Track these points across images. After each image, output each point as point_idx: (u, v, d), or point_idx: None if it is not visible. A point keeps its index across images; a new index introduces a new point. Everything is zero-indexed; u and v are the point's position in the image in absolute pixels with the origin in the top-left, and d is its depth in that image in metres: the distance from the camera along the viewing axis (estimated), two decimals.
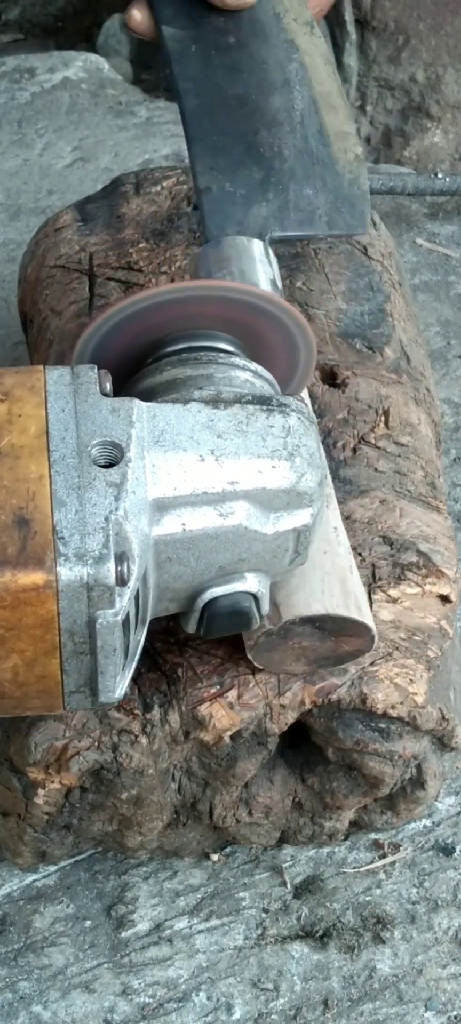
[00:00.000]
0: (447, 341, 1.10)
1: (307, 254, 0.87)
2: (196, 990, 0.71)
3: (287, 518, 0.62)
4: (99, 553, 0.57)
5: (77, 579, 0.56)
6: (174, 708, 0.68)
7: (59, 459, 0.58)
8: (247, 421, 0.61)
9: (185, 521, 0.60)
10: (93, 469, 0.58)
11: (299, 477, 0.61)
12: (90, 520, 0.57)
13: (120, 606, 0.57)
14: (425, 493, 0.78)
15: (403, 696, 0.70)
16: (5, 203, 1.22)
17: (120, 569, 0.57)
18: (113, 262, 0.87)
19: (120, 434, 0.59)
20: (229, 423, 0.61)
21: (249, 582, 0.63)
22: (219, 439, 0.61)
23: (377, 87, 1.50)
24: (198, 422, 0.61)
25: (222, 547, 0.61)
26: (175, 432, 0.60)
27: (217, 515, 0.60)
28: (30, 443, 0.59)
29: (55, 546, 0.56)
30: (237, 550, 0.61)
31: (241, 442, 0.61)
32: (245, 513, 0.61)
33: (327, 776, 0.73)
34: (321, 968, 0.72)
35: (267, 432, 0.61)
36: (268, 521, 0.61)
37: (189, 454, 0.60)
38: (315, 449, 0.62)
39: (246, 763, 0.70)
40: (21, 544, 0.56)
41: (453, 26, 1.48)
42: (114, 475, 0.58)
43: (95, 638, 0.58)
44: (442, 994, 0.71)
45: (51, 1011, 0.70)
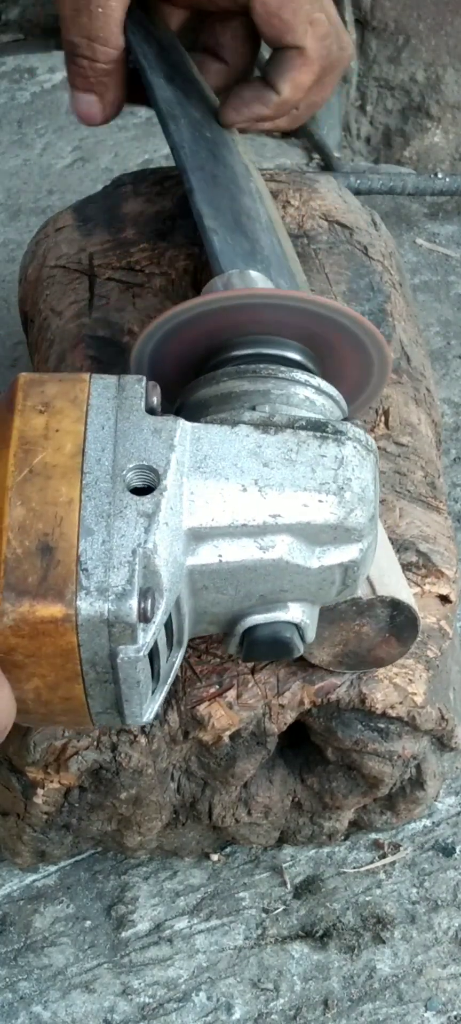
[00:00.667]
0: (447, 341, 1.10)
1: (307, 254, 0.87)
2: (196, 990, 0.71)
3: (334, 552, 0.59)
4: (122, 589, 0.54)
5: (97, 615, 0.54)
6: (173, 708, 0.68)
7: (92, 482, 0.56)
8: (297, 449, 0.58)
9: (222, 552, 0.58)
10: (126, 496, 0.56)
11: (348, 513, 0.58)
12: (117, 552, 0.55)
13: (143, 642, 0.55)
14: (425, 493, 0.78)
15: (402, 696, 0.70)
16: (5, 203, 1.22)
17: (143, 606, 0.55)
18: (113, 262, 0.87)
19: (159, 458, 0.57)
20: (278, 450, 0.58)
21: (292, 612, 0.60)
22: (265, 468, 0.58)
23: (377, 87, 1.50)
24: (245, 448, 0.58)
25: (262, 579, 0.59)
26: (219, 458, 0.58)
27: (257, 548, 0.58)
28: (64, 463, 0.56)
29: (77, 578, 0.54)
30: (278, 582, 0.59)
31: (288, 472, 0.58)
32: (287, 547, 0.58)
33: (326, 776, 0.73)
34: (321, 968, 0.72)
35: (317, 462, 0.58)
36: (313, 555, 0.59)
37: (231, 483, 0.57)
38: (369, 482, 0.59)
39: (245, 763, 0.70)
40: (43, 573, 0.54)
41: (453, 26, 1.48)
42: (147, 504, 0.56)
43: (117, 670, 0.56)
44: (442, 994, 0.71)
45: (51, 1011, 0.70)
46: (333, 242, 0.89)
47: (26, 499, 0.56)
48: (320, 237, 0.88)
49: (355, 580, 0.60)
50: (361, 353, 0.66)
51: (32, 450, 0.57)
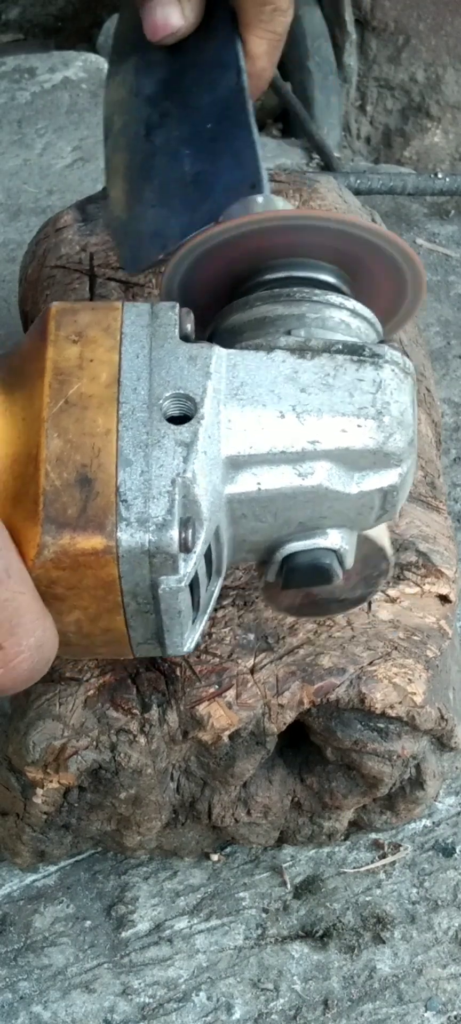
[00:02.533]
0: (447, 341, 1.10)
1: None
2: (196, 990, 0.71)
3: (373, 478, 0.58)
4: (163, 519, 0.54)
5: (138, 545, 0.54)
6: (172, 708, 0.68)
7: (128, 412, 0.55)
8: (335, 373, 0.57)
9: (261, 480, 0.57)
10: (163, 425, 0.55)
11: (387, 437, 0.57)
12: (156, 482, 0.54)
13: (184, 572, 0.55)
14: (425, 493, 0.78)
15: (402, 696, 0.70)
16: (5, 203, 1.22)
17: (184, 536, 0.54)
18: (114, 262, 0.87)
19: (195, 386, 0.56)
20: (315, 375, 0.57)
21: (331, 538, 0.59)
22: (302, 393, 0.57)
23: (377, 87, 1.50)
24: (281, 373, 0.57)
25: (301, 506, 0.58)
26: (255, 384, 0.57)
27: (295, 475, 0.57)
28: (99, 393, 0.56)
29: (117, 509, 0.54)
30: (318, 509, 0.58)
31: (326, 397, 0.57)
32: (326, 473, 0.57)
33: (326, 776, 0.73)
34: (321, 968, 0.72)
35: (355, 387, 0.57)
36: (352, 481, 0.58)
37: (268, 409, 0.56)
38: (408, 405, 0.58)
39: (245, 763, 0.70)
40: (82, 505, 0.54)
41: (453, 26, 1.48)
42: (185, 433, 0.55)
43: (159, 601, 0.55)
44: (442, 994, 0.71)
45: (51, 1011, 0.70)
46: None
47: (63, 431, 0.55)
48: None
49: (394, 505, 0.60)
50: (395, 271, 0.64)
51: (67, 381, 0.56)
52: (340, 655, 0.70)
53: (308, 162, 1.34)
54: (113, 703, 0.68)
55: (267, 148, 1.36)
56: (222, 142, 0.77)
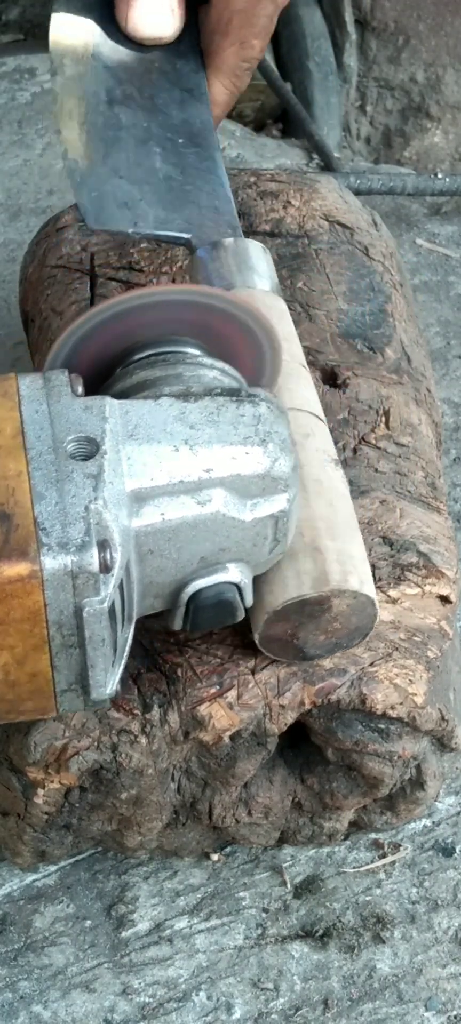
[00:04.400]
0: (447, 341, 1.10)
1: (308, 254, 0.88)
2: (196, 990, 0.71)
3: (264, 504, 0.62)
4: (81, 541, 0.57)
5: (61, 567, 0.57)
6: (173, 708, 0.69)
7: (36, 456, 0.59)
8: (218, 411, 0.62)
9: (164, 511, 0.61)
10: (70, 463, 0.59)
11: (273, 462, 0.62)
12: (70, 510, 0.58)
13: (105, 593, 0.58)
14: (425, 494, 0.78)
15: (403, 697, 0.70)
16: (5, 203, 1.22)
17: (103, 556, 0.58)
18: (114, 262, 0.87)
19: (94, 429, 0.60)
20: (200, 414, 0.62)
21: (232, 572, 0.63)
22: (192, 430, 0.61)
23: (377, 87, 1.50)
24: (170, 415, 0.62)
25: (202, 536, 0.62)
26: (148, 426, 0.61)
27: (195, 503, 0.61)
28: (6, 443, 0.59)
29: (38, 536, 0.57)
30: (217, 539, 0.62)
31: (214, 431, 0.62)
32: (222, 500, 0.61)
33: (327, 776, 0.73)
34: (321, 968, 0.72)
35: (238, 421, 0.62)
36: (245, 508, 0.62)
37: (163, 445, 0.61)
38: (287, 436, 0.63)
39: (245, 763, 0.70)
40: (4, 537, 0.57)
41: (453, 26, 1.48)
42: (91, 467, 0.59)
43: (83, 628, 0.58)
44: (442, 994, 0.71)
45: (51, 1011, 0.70)
46: (334, 242, 0.89)
47: None
48: (321, 237, 0.88)
49: (285, 534, 0.64)
50: (252, 341, 0.68)
51: None
52: (341, 656, 0.70)
53: (308, 162, 1.34)
54: (114, 703, 0.68)
55: (267, 148, 1.36)
56: (195, 166, 0.78)
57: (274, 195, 0.90)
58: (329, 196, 0.91)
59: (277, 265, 0.86)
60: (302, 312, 0.84)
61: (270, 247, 0.87)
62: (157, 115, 0.79)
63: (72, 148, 0.77)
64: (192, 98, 0.80)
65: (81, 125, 0.78)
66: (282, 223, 0.89)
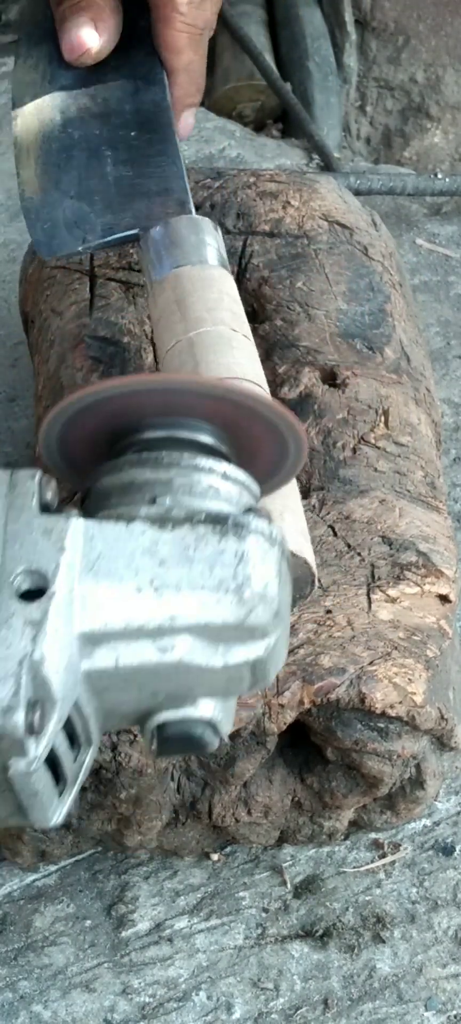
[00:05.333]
0: (447, 341, 1.10)
1: (307, 254, 0.88)
2: (196, 989, 0.71)
3: (239, 649, 0.56)
4: (8, 704, 0.52)
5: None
6: None
7: None
8: (195, 546, 0.56)
9: (119, 655, 0.55)
10: (13, 603, 0.54)
11: (248, 612, 0.55)
12: (2, 664, 0.53)
13: (34, 755, 0.53)
14: (425, 493, 0.78)
15: (402, 696, 0.70)
16: (5, 203, 1.22)
17: (31, 719, 0.53)
18: (114, 263, 0.87)
19: (47, 562, 0.55)
20: (174, 548, 0.56)
21: (201, 708, 0.57)
22: (160, 568, 0.55)
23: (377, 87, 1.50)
24: (140, 546, 0.56)
25: (165, 679, 0.56)
26: (112, 558, 0.55)
27: (156, 650, 0.55)
28: None
29: None
30: (184, 681, 0.56)
31: (185, 572, 0.55)
32: (188, 648, 0.55)
33: (326, 776, 0.73)
34: (321, 967, 0.72)
35: (216, 560, 0.56)
36: (216, 653, 0.56)
37: (125, 584, 0.55)
38: (272, 577, 0.56)
39: (245, 763, 0.70)
40: None
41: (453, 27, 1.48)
42: (34, 612, 0.54)
43: (11, 783, 0.54)
44: (442, 993, 0.71)
45: (51, 1010, 0.70)
46: (333, 242, 0.89)
47: None
48: (320, 237, 0.89)
49: (265, 676, 0.58)
50: (274, 432, 0.63)
51: None
52: (340, 655, 0.70)
53: (308, 162, 1.34)
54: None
55: (267, 148, 1.36)
56: (147, 153, 0.77)
57: (274, 195, 0.90)
58: (328, 196, 0.92)
59: (276, 265, 0.87)
60: (301, 312, 0.84)
61: (270, 247, 0.87)
62: (110, 117, 0.78)
63: (28, 186, 0.76)
64: (146, 83, 0.79)
65: (36, 159, 0.77)
66: (281, 223, 0.89)
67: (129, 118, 0.78)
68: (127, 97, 0.79)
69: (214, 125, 1.38)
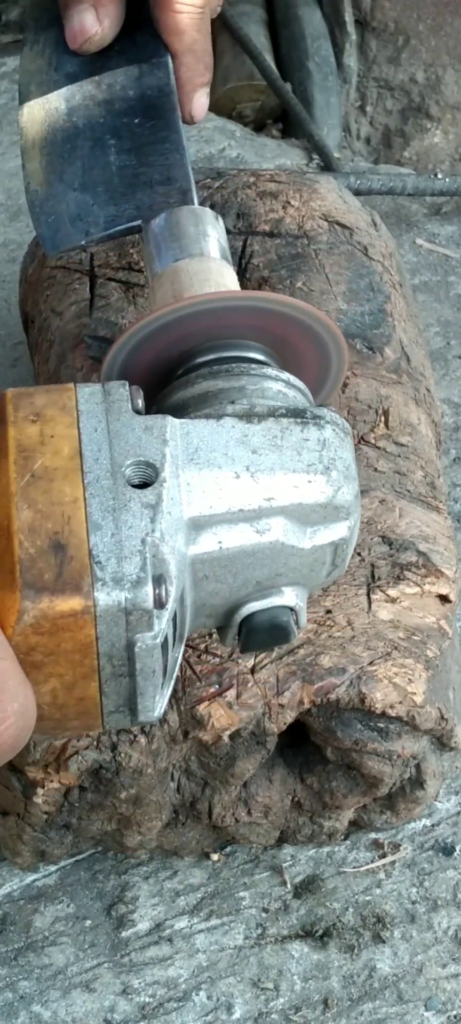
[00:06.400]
0: (447, 341, 1.10)
1: (307, 254, 0.88)
2: (196, 989, 0.71)
3: (324, 532, 0.60)
4: (137, 577, 0.55)
5: (115, 604, 0.55)
6: (173, 708, 0.69)
7: (93, 480, 0.57)
8: (282, 435, 0.60)
9: (222, 539, 0.59)
10: (128, 490, 0.57)
11: (336, 491, 0.60)
12: (126, 543, 0.56)
13: (159, 628, 0.56)
14: (425, 493, 0.78)
15: (402, 696, 0.70)
16: (5, 203, 1.22)
17: (158, 592, 0.56)
18: (114, 262, 0.87)
19: (154, 453, 0.58)
20: (263, 438, 0.60)
21: (287, 596, 0.61)
22: (254, 455, 0.59)
23: (377, 87, 1.50)
24: (232, 438, 0.60)
25: (259, 563, 0.60)
26: (209, 449, 0.59)
27: (254, 532, 0.59)
28: (64, 465, 0.57)
29: (92, 571, 0.55)
30: (274, 566, 0.60)
31: (276, 457, 0.59)
32: (282, 529, 0.59)
33: (326, 776, 0.73)
34: (321, 967, 0.72)
35: (302, 446, 0.60)
36: (305, 536, 0.60)
37: (224, 471, 0.59)
38: (351, 461, 0.61)
39: (245, 763, 0.70)
40: (58, 569, 0.55)
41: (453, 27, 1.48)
42: (149, 496, 0.57)
43: (134, 661, 0.57)
44: (442, 993, 0.71)
45: (51, 1010, 0.70)
46: (333, 242, 0.89)
47: (32, 502, 0.56)
48: (320, 237, 0.88)
49: (344, 559, 0.62)
50: (318, 345, 0.67)
51: (31, 456, 0.57)
52: (340, 655, 0.70)
53: (308, 162, 1.34)
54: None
55: (267, 148, 1.36)
56: (150, 141, 0.77)
57: (273, 195, 0.90)
58: (328, 196, 0.91)
59: (276, 265, 0.87)
60: None
61: (270, 247, 0.87)
62: (114, 104, 0.78)
63: (33, 178, 0.76)
64: (150, 67, 0.79)
65: (42, 150, 0.77)
66: (281, 223, 0.89)
67: (133, 104, 0.78)
68: (131, 83, 0.79)
69: (214, 125, 1.37)
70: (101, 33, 0.78)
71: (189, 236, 0.71)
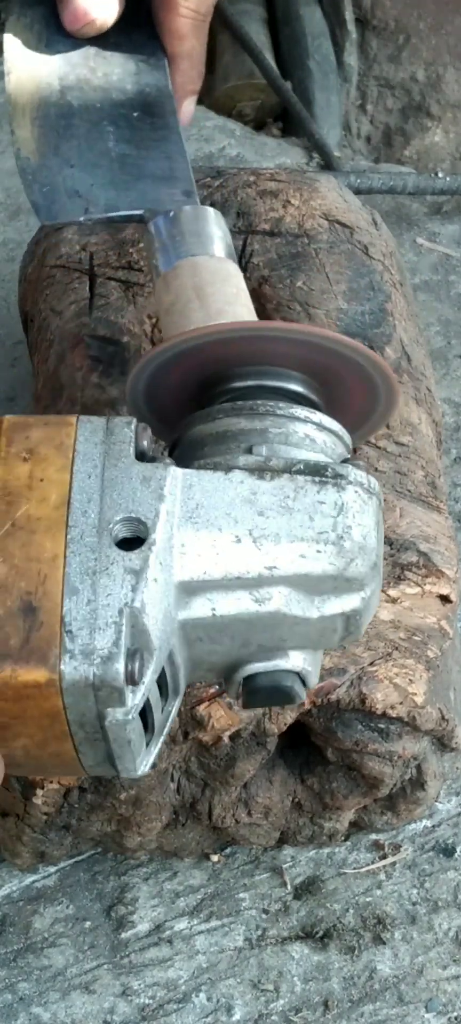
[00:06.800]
0: (447, 341, 1.10)
1: (308, 253, 0.87)
2: (196, 991, 0.71)
3: (334, 602, 0.56)
4: (108, 652, 0.52)
5: (82, 679, 0.52)
6: None
7: (77, 536, 0.54)
8: (295, 496, 0.56)
9: (216, 606, 0.55)
10: (113, 551, 0.54)
11: (348, 563, 0.55)
12: (102, 612, 0.53)
13: (131, 704, 0.53)
14: (425, 493, 0.78)
15: (402, 696, 0.69)
16: (5, 203, 1.22)
17: (131, 669, 0.53)
18: (113, 262, 0.86)
19: (147, 510, 0.54)
20: (274, 498, 0.55)
21: (292, 660, 0.57)
22: (260, 517, 0.55)
23: (377, 86, 1.50)
24: (239, 495, 0.55)
25: (259, 630, 0.56)
26: (211, 507, 0.55)
27: (252, 600, 0.55)
28: (48, 515, 0.54)
29: (62, 640, 0.52)
30: (278, 632, 0.56)
31: (285, 522, 0.55)
32: (284, 599, 0.55)
33: (326, 776, 0.73)
34: (321, 969, 0.72)
35: (316, 510, 0.55)
36: (312, 605, 0.56)
37: (224, 534, 0.55)
38: (371, 528, 0.56)
39: (245, 763, 0.70)
40: (25, 635, 0.52)
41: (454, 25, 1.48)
42: (134, 560, 0.54)
43: (106, 732, 0.54)
44: (442, 995, 0.71)
45: (51, 1012, 0.70)
46: (333, 241, 0.88)
47: (8, 555, 0.54)
48: (320, 236, 0.88)
49: (358, 627, 0.58)
50: (366, 379, 0.63)
51: (15, 502, 0.55)
52: (341, 655, 0.70)
53: (308, 161, 1.34)
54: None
55: (267, 147, 1.35)
56: (150, 136, 0.77)
57: (274, 194, 0.90)
58: (329, 195, 0.91)
59: (277, 264, 0.86)
60: (301, 311, 0.84)
61: (270, 246, 0.87)
62: (111, 93, 0.78)
63: (24, 146, 0.76)
64: (148, 66, 0.79)
65: (33, 120, 0.76)
66: (282, 222, 0.89)
67: (131, 97, 0.78)
68: (128, 76, 0.79)
69: (214, 124, 1.37)
70: (102, 19, 0.78)
71: (200, 233, 0.70)
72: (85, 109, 0.77)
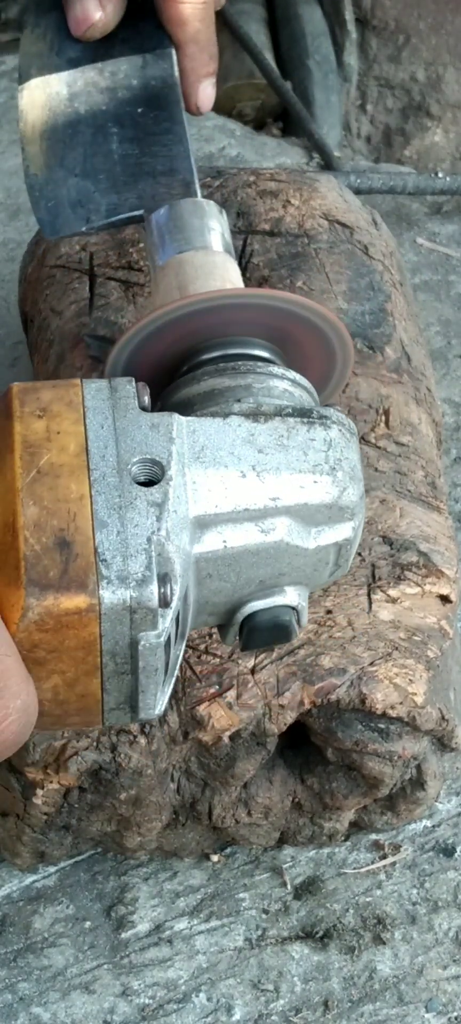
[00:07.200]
0: (447, 341, 1.10)
1: (308, 253, 0.87)
2: (196, 991, 0.71)
3: (328, 532, 0.61)
4: (142, 575, 0.55)
5: (120, 602, 0.55)
6: (173, 708, 0.68)
7: (99, 478, 0.57)
8: (288, 435, 0.60)
9: (226, 538, 0.59)
10: (134, 488, 0.57)
11: (341, 491, 0.60)
12: (132, 541, 0.56)
13: (163, 627, 0.56)
14: (425, 493, 0.78)
15: (402, 696, 0.69)
16: (5, 202, 1.22)
17: (163, 591, 0.56)
18: (113, 261, 0.87)
19: (160, 451, 0.58)
20: (270, 437, 0.60)
21: (289, 596, 0.61)
22: (260, 454, 0.59)
23: (377, 86, 1.50)
24: (238, 437, 0.60)
25: (263, 563, 0.60)
26: (215, 448, 0.59)
27: (258, 531, 0.59)
28: (70, 461, 0.57)
29: (97, 568, 0.55)
30: (278, 565, 0.60)
31: (282, 457, 0.60)
32: (286, 529, 0.59)
33: (326, 776, 0.73)
34: (321, 969, 0.72)
35: (308, 446, 0.60)
36: (309, 536, 0.60)
37: (230, 470, 0.59)
38: (356, 462, 0.61)
39: (245, 763, 0.70)
40: (63, 567, 0.55)
41: (454, 25, 1.47)
42: (155, 494, 0.57)
43: (137, 659, 0.57)
44: (443, 995, 0.71)
45: (51, 1012, 0.70)
46: (333, 241, 0.88)
47: (38, 498, 0.56)
48: (320, 236, 0.88)
49: (347, 560, 0.62)
50: (323, 342, 0.67)
51: (37, 452, 0.57)
52: (341, 655, 0.70)
53: (308, 161, 1.34)
54: None
55: (267, 147, 1.35)
56: (153, 131, 0.76)
57: (274, 194, 0.90)
58: (329, 195, 0.91)
59: (277, 264, 0.86)
60: None
61: (270, 246, 0.87)
62: (117, 92, 0.78)
63: (33, 162, 0.76)
64: (154, 57, 0.79)
65: (42, 134, 0.77)
66: (282, 222, 0.89)
67: (136, 93, 0.78)
68: (135, 72, 0.79)
69: (214, 124, 1.37)
70: (104, 20, 0.78)
71: (193, 228, 0.70)
72: (91, 114, 0.77)
